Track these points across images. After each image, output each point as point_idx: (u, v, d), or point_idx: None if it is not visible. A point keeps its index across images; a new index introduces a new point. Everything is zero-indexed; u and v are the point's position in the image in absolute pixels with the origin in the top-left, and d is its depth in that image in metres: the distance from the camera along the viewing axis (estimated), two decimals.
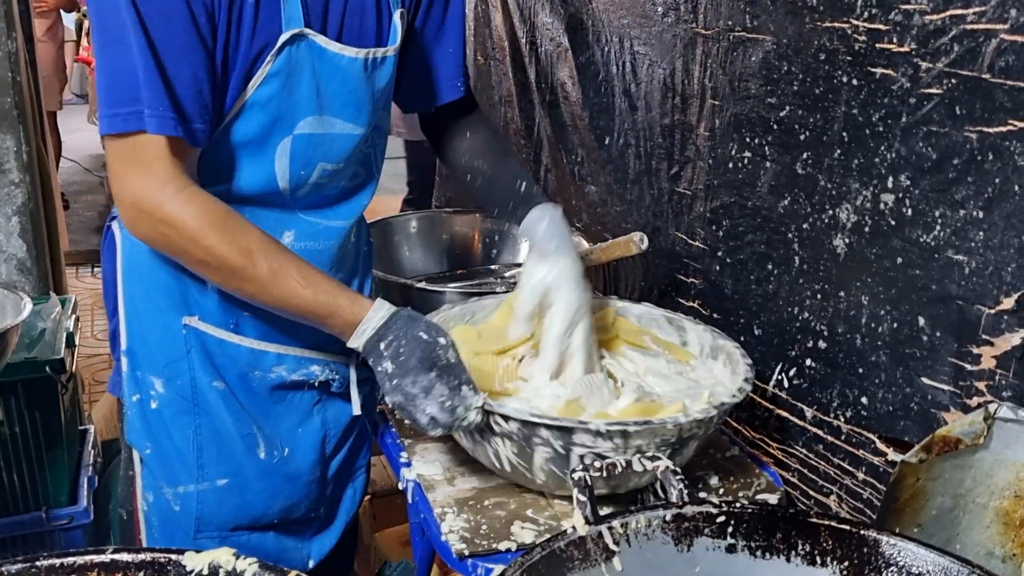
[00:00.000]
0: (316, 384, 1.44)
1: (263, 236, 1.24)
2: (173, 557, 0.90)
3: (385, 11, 1.34)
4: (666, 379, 1.46)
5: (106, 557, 0.89)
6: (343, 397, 1.48)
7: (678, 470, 1.12)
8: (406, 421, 1.26)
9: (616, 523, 0.97)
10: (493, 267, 2.25)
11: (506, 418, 1.20)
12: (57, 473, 2.01)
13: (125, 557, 0.90)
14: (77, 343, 2.16)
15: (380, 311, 1.25)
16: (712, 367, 1.48)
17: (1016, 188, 1.09)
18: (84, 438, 2.20)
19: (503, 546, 1.22)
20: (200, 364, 1.36)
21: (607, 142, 2.05)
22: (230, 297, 1.32)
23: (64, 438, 2.01)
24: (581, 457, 1.19)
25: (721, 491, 1.37)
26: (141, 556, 0.90)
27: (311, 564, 1.52)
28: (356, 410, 1.45)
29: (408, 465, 1.42)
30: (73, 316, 2.18)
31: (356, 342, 1.26)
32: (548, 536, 0.97)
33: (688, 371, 1.50)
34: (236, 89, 1.22)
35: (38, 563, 0.88)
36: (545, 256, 1.38)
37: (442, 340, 1.24)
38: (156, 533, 1.42)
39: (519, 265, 2.21)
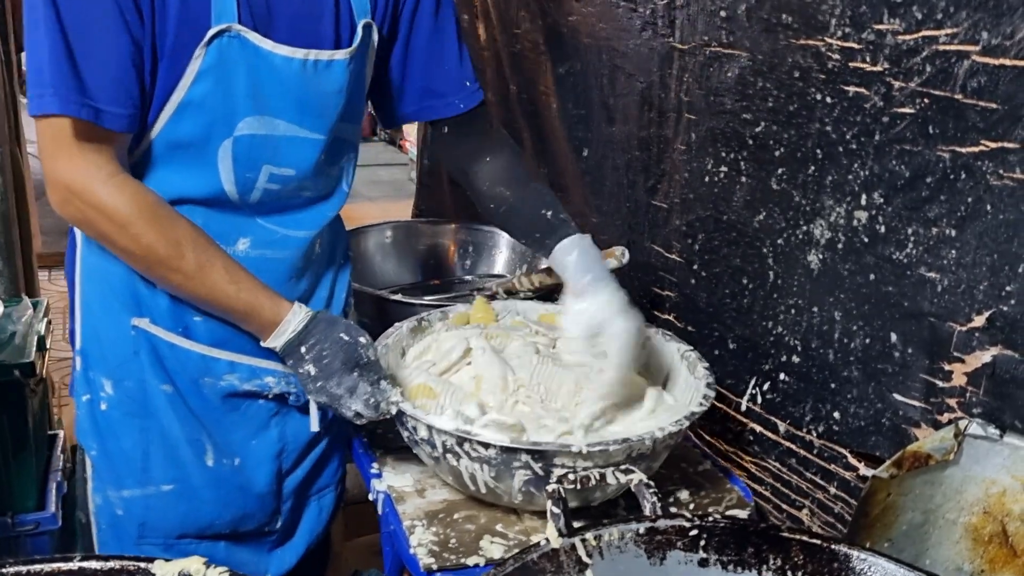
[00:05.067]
0: (270, 396, 1.41)
1: (192, 228, 1.24)
2: (142, 565, 0.90)
3: (345, 17, 1.32)
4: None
5: (73, 565, 0.89)
6: (305, 411, 1.44)
7: (651, 484, 1.12)
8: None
9: (590, 536, 0.97)
10: (468, 278, 2.24)
11: (485, 445, 1.20)
12: (24, 478, 1.98)
13: (93, 565, 0.89)
14: (48, 346, 2.13)
15: (299, 314, 1.28)
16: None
17: (988, 207, 1.10)
18: (53, 442, 2.17)
19: (471, 561, 1.22)
20: (149, 367, 1.34)
21: (585, 154, 2.06)
22: (181, 300, 1.31)
23: (32, 442, 1.98)
24: (560, 477, 1.19)
25: (692, 505, 1.38)
26: (109, 564, 0.90)
27: None
28: (315, 426, 1.42)
29: (379, 476, 1.41)
30: (44, 319, 2.15)
31: (274, 342, 1.28)
32: (521, 549, 0.97)
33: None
34: (168, 83, 1.21)
35: (4, 570, 0.87)
36: (582, 293, 1.33)
37: (362, 339, 1.29)
38: (105, 537, 1.40)
39: (495, 276, 2.20)
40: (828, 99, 1.31)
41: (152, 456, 1.36)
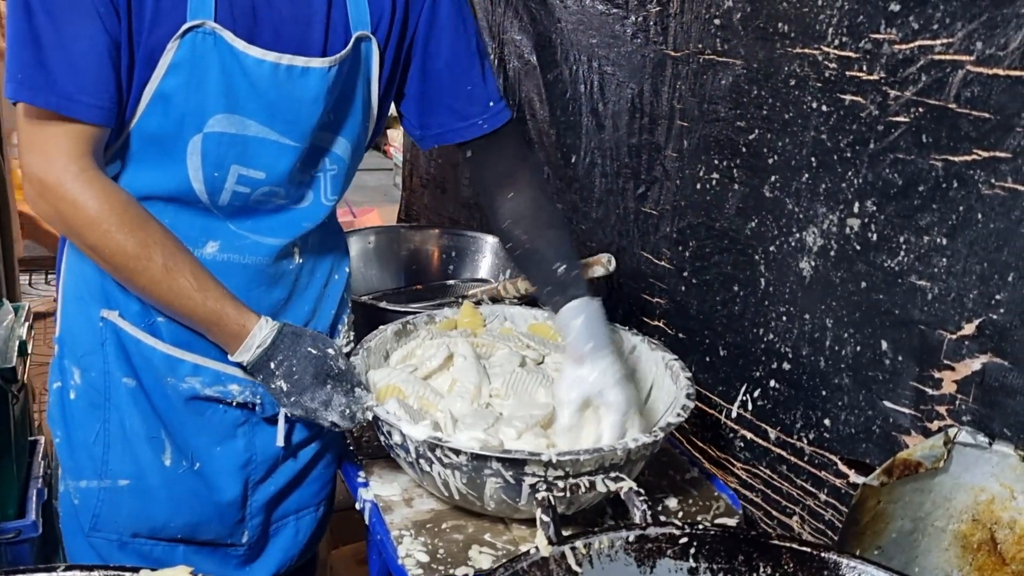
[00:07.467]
0: (234, 403, 1.38)
1: (163, 231, 1.23)
2: (128, 575, 0.88)
3: (338, 27, 1.29)
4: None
5: None
6: (275, 423, 1.41)
7: (642, 491, 1.11)
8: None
9: (579, 543, 0.97)
10: (450, 282, 2.23)
11: (456, 451, 1.19)
12: (5, 485, 1.95)
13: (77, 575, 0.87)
14: (30, 351, 2.10)
15: (265, 328, 1.27)
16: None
17: (979, 216, 1.11)
18: (34, 449, 2.15)
19: (460, 571, 1.21)
20: (114, 359, 1.33)
21: (573, 160, 2.05)
22: None
23: (13, 449, 1.96)
24: (532, 486, 1.19)
25: (680, 514, 1.37)
26: (94, 574, 0.88)
27: None
28: (280, 442, 1.39)
29: (365, 485, 1.40)
30: (26, 324, 2.13)
31: (241, 357, 1.27)
32: (510, 558, 0.96)
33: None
34: (143, 77, 1.21)
35: None
36: (582, 360, 1.30)
37: (331, 351, 1.29)
38: (65, 528, 1.39)
39: (477, 280, 2.19)
40: (824, 107, 1.31)
41: (111, 449, 1.35)
